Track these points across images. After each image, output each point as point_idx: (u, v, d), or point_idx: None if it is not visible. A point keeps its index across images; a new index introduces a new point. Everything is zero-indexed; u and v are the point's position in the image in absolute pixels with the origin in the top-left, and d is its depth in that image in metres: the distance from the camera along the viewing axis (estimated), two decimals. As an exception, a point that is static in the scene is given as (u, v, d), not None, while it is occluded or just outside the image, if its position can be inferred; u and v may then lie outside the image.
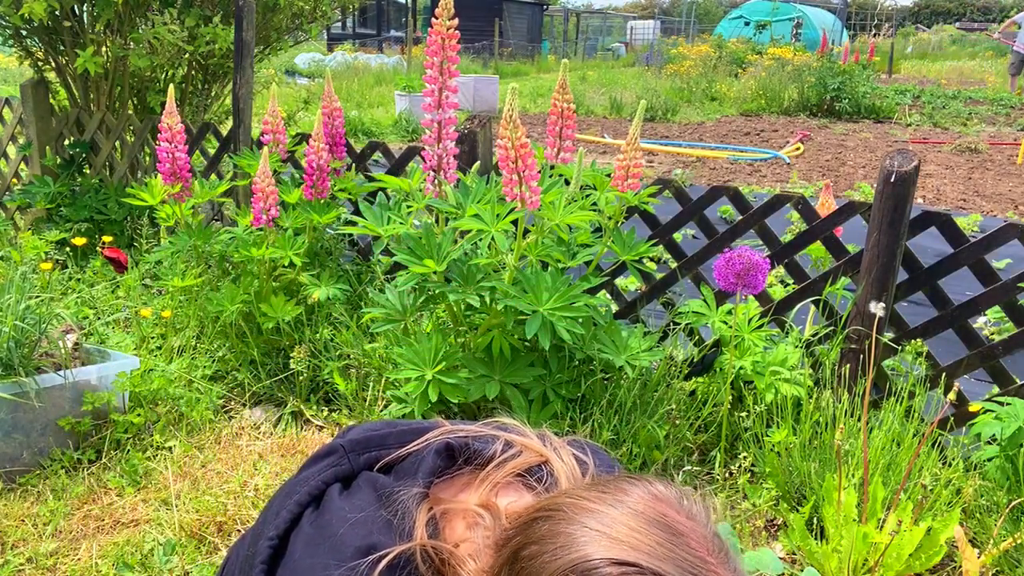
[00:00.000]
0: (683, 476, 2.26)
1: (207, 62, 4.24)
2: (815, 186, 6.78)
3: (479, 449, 0.90)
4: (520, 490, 0.87)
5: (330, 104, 2.97)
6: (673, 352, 2.51)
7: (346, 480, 0.91)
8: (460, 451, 0.90)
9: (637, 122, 2.17)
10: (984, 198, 6.78)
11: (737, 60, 16.97)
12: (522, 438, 0.93)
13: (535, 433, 0.96)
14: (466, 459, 0.90)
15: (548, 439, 0.95)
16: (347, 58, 18.02)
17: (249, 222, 2.83)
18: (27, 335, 2.31)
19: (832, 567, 1.86)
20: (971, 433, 2.11)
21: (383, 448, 0.93)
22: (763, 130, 10.83)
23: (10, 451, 2.29)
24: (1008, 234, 2.23)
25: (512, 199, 2.08)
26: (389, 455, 0.92)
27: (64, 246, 3.68)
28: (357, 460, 0.92)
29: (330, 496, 0.88)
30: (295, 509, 0.87)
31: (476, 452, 0.90)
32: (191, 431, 2.55)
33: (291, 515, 0.87)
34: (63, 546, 2.03)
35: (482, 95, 12.54)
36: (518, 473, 0.88)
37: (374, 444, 0.93)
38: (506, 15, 26.91)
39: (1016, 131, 11.07)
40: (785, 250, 2.58)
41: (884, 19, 36.79)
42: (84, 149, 4.09)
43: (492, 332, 2.22)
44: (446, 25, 2.18)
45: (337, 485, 0.90)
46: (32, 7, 3.42)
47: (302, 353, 2.63)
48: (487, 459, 0.89)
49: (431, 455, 0.88)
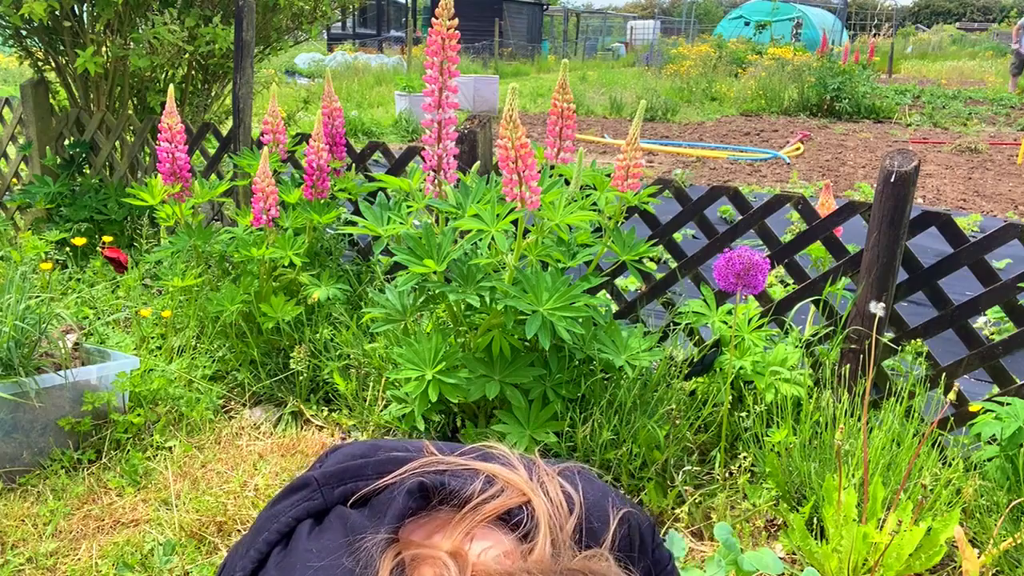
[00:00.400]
0: (683, 476, 2.26)
1: (207, 62, 4.24)
2: (815, 186, 6.78)
3: (456, 488, 0.84)
4: (498, 533, 0.82)
5: (330, 104, 2.97)
6: (673, 352, 2.51)
7: (319, 515, 0.87)
8: (435, 491, 0.84)
9: (637, 122, 2.17)
10: (984, 198, 6.79)
11: (737, 60, 16.98)
12: (507, 471, 0.87)
13: (523, 462, 0.91)
14: (441, 499, 0.84)
15: (536, 470, 0.90)
16: (347, 58, 18.02)
17: (249, 222, 2.83)
18: (27, 335, 2.31)
19: (832, 567, 1.86)
20: (971, 433, 2.11)
21: (360, 479, 0.88)
22: (763, 130, 10.84)
23: (10, 451, 2.29)
24: (1008, 234, 2.23)
25: (512, 199, 2.08)
26: (367, 487, 0.87)
27: (64, 246, 3.69)
28: (331, 494, 0.88)
29: (298, 536, 0.85)
30: (263, 548, 0.85)
31: (452, 492, 0.84)
32: (191, 431, 2.55)
33: (259, 555, 0.85)
34: (63, 546, 2.03)
35: (482, 95, 12.55)
36: (499, 516, 0.83)
37: (350, 476, 0.89)
38: (506, 15, 26.91)
39: (1016, 131, 11.07)
40: (785, 250, 2.58)
41: (884, 19, 36.79)
42: (84, 149, 4.09)
43: (492, 332, 2.22)
44: (446, 25, 2.18)
45: (308, 522, 0.86)
46: (32, 7, 3.42)
47: (302, 353, 2.63)
48: (464, 499, 0.83)
49: (402, 495, 0.83)
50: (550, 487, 0.87)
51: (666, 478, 2.28)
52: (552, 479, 0.89)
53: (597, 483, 0.98)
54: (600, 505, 0.93)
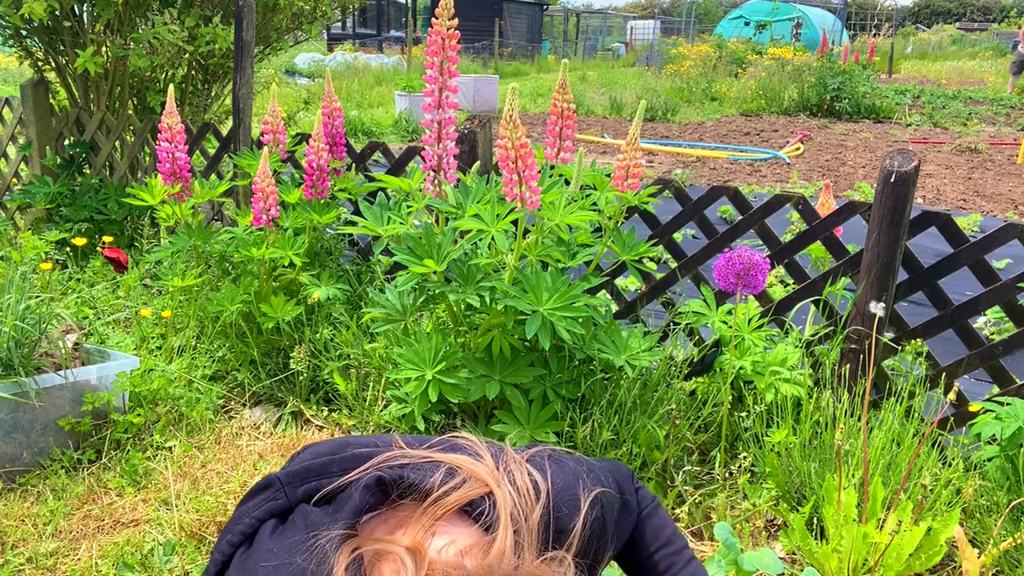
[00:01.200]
0: (683, 476, 2.26)
1: (207, 62, 4.24)
2: (815, 186, 6.78)
3: (415, 482, 0.83)
4: (460, 526, 0.81)
5: (330, 104, 2.97)
6: (673, 352, 2.51)
7: (284, 514, 0.87)
8: (393, 485, 0.83)
9: (637, 122, 2.17)
10: (984, 198, 6.79)
11: (737, 60, 16.98)
12: (471, 461, 0.86)
13: (491, 450, 0.89)
14: (400, 493, 0.83)
15: (504, 458, 0.89)
16: (347, 58, 18.02)
17: (249, 222, 2.83)
18: (27, 335, 2.31)
19: (832, 567, 1.86)
20: (971, 433, 2.10)
21: (324, 477, 0.88)
22: (763, 130, 10.84)
23: (10, 451, 2.29)
24: (1008, 234, 2.23)
25: (512, 199, 2.08)
26: (330, 484, 0.87)
27: (64, 246, 3.69)
28: (294, 493, 0.87)
29: (261, 536, 0.84)
30: (227, 550, 0.84)
31: (412, 485, 0.83)
32: (191, 431, 2.55)
33: (223, 556, 0.84)
34: (63, 546, 2.03)
35: (482, 95, 12.55)
36: (462, 507, 0.82)
37: (314, 474, 0.88)
38: (506, 15, 26.90)
39: (1016, 131, 11.07)
40: (785, 250, 2.58)
41: (884, 19, 36.80)
42: (84, 149, 4.09)
43: (492, 332, 2.22)
44: (446, 25, 2.18)
45: (272, 522, 0.85)
46: (32, 7, 3.42)
47: (302, 353, 2.63)
48: (424, 493, 0.82)
49: (359, 491, 0.82)
50: (517, 475, 0.86)
51: (666, 478, 2.28)
52: (520, 466, 0.88)
53: (568, 465, 0.97)
54: (570, 489, 0.93)
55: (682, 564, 1.06)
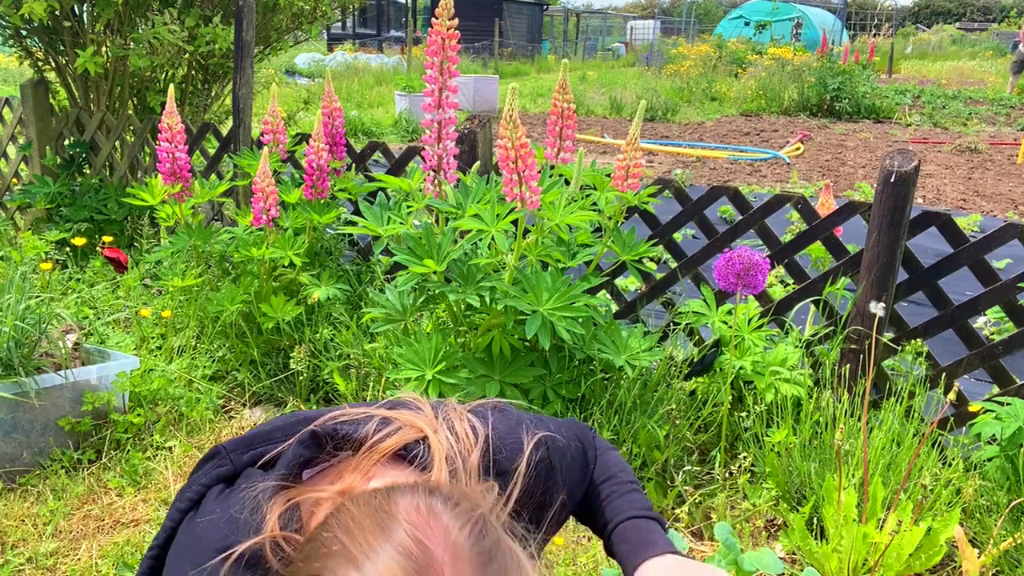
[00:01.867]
0: (683, 476, 2.26)
1: (207, 62, 4.24)
2: (815, 186, 6.78)
3: (348, 433, 0.86)
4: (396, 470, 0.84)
5: (330, 104, 2.97)
6: (673, 352, 2.51)
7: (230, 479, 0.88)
8: (327, 438, 0.87)
9: (637, 122, 2.17)
10: (984, 198, 6.79)
11: (737, 60, 16.97)
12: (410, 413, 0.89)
13: (433, 404, 0.93)
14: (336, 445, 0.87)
15: (444, 410, 0.92)
16: (347, 58, 18.01)
17: (249, 222, 2.83)
18: (27, 335, 2.31)
19: (832, 567, 1.86)
20: (971, 433, 2.11)
21: (269, 443, 0.90)
22: (763, 130, 10.84)
23: (10, 451, 2.29)
24: (1008, 234, 2.23)
25: (512, 199, 2.08)
26: (275, 449, 0.89)
27: (64, 246, 3.69)
28: (239, 459, 0.89)
29: (207, 499, 0.86)
30: (176, 516, 0.86)
31: (345, 437, 0.86)
32: (191, 431, 2.55)
33: (172, 523, 0.86)
34: (63, 546, 2.03)
35: (482, 95, 12.54)
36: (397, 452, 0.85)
37: (260, 441, 0.90)
38: (506, 15, 26.90)
39: (1016, 131, 11.07)
40: (785, 250, 2.58)
41: (884, 19, 36.80)
42: (84, 149, 4.09)
43: (492, 332, 2.22)
44: (446, 25, 2.18)
45: (219, 487, 0.87)
46: (32, 7, 3.42)
47: (302, 353, 2.63)
48: (358, 442, 0.86)
49: (294, 445, 0.86)
50: (456, 423, 0.90)
51: (666, 478, 2.28)
52: (460, 415, 0.92)
53: (512, 414, 1.00)
54: (513, 434, 0.95)
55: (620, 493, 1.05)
